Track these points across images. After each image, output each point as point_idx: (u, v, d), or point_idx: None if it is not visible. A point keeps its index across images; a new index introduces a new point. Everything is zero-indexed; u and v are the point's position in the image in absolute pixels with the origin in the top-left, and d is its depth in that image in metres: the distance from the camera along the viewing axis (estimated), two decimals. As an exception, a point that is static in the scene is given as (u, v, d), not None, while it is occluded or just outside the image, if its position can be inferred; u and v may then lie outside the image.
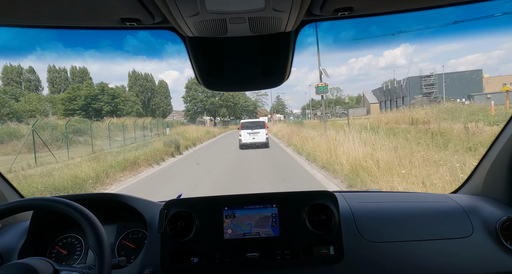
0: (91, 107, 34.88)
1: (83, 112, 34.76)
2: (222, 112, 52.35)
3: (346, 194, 1.48)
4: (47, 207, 0.92)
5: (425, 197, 1.48)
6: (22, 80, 48.23)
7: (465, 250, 1.21)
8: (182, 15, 0.76)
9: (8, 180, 1.46)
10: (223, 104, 51.63)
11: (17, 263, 0.84)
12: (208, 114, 51.56)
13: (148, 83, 59.21)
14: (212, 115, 51.64)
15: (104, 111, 35.05)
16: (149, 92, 58.65)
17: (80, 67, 47.90)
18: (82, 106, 34.68)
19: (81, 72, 48.47)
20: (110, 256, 0.86)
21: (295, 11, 0.77)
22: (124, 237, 1.37)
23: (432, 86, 48.55)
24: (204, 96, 49.68)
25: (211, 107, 50.51)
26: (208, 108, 50.40)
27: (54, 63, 45.96)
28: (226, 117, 58.27)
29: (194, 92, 49.65)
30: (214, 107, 51.16)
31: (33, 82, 49.21)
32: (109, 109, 35.34)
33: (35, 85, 49.70)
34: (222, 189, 6.75)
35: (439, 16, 20.83)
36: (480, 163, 1.45)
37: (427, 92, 49.89)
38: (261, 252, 1.21)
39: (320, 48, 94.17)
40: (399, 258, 1.20)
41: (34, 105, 38.71)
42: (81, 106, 34.54)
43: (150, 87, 59.38)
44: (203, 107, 50.36)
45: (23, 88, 46.43)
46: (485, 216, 1.29)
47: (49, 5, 0.74)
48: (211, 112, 51.49)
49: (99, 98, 35.30)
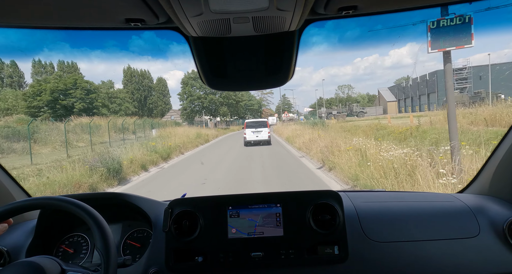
0: (59, 104, 27.96)
1: (50, 110, 27.88)
2: (223, 111, 45.84)
3: (351, 193, 1.50)
4: (55, 206, 0.95)
5: (431, 197, 1.49)
6: (4, 76, 45.89)
7: (472, 251, 1.23)
8: (186, 15, 0.79)
9: (16, 179, 1.53)
10: (223, 102, 45.37)
11: (25, 262, 0.87)
12: (207, 113, 44.63)
13: (145, 80, 56.27)
14: (211, 114, 44.86)
15: (76, 108, 28.10)
16: (146, 90, 55.86)
17: (68, 62, 44.95)
18: (48, 103, 27.74)
19: (70, 67, 45.31)
20: (116, 259, 0.89)
21: (299, 10, 0.79)
22: (129, 236, 1.42)
23: (465, 80, 41.15)
24: (202, 93, 42.86)
25: (210, 105, 43.59)
26: (207, 107, 43.48)
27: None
28: (227, 116, 55.36)
29: (190, 88, 43.05)
30: (213, 106, 44.19)
31: (16, 78, 46.68)
32: (82, 107, 28.57)
33: (18, 81, 47.09)
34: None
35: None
36: (487, 162, 1.47)
37: (459, 88, 42.24)
38: (265, 252, 1.25)
39: (325, 47, 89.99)
40: (404, 258, 1.23)
41: (10, 103, 31.69)
42: (46, 102, 27.60)
43: (147, 85, 56.52)
44: (201, 105, 43.36)
45: (4, 85, 43.94)
46: (492, 216, 1.30)
47: (55, 6, 0.78)
48: (210, 110, 44.55)
49: (70, 93, 28.39)
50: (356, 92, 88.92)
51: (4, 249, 1.26)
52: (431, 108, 50.50)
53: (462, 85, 45.05)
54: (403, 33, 26.40)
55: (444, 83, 5.54)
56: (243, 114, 62.59)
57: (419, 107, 51.79)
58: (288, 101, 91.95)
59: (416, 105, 53.05)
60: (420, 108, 52.29)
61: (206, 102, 46.79)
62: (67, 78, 32.18)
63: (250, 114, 67.84)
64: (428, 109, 49.82)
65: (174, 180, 8.69)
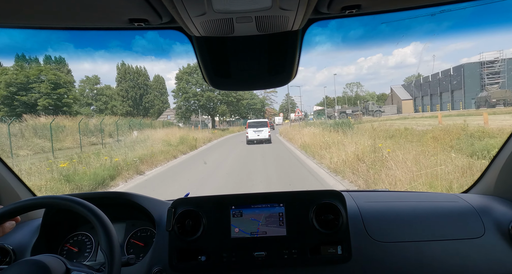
0: (17, 100, 22.52)
1: (6, 108, 22.35)
2: (222, 110, 40.34)
3: (354, 193, 1.53)
4: (60, 206, 0.97)
5: (434, 197, 1.51)
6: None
7: (476, 251, 1.25)
8: (189, 15, 0.81)
9: (21, 179, 1.59)
10: (223, 99, 39.88)
11: (30, 260, 0.89)
12: (204, 112, 39.35)
13: (140, 78, 51.88)
14: (209, 113, 39.70)
15: (40, 106, 22.69)
16: (142, 88, 51.66)
17: (56, 56, 40.56)
18: (3, 99, 22.21)
19: (58, 62, 40.07)
20: (120, 258, 0.92)
21: (302, 9, 0.81)
22: (133, 235, 1.47)
23: (497, 75, 35.45)
24: (199, 90, 37.60)
25: (208, 104, 38.28)
26: (204, 105, 38.08)
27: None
28: (226, 115, 51.27)
29: (185, 84, 37.72)
30: (211, 104, 38.94)
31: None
32: (47, 104, 23.13)
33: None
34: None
35: (450, 12, 15.13)
36: (492, 162, 1.49)
37: (490, 83, 36.52)
38: (268, 251, 1.28)
39: (328, 47, 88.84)
40: (408, 258, 1.26)
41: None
42: (2, 98, 22.10)
43: (143, 83, 52.20)
44: (197, 103, 38.03)
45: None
46: (497, 217, 1.32)
47: (59, 7, 0.81)
48: (208, 109, 39.21)
49: (32, 87, 22.95)
50: (364, 90, 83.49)
51: (10, 247, 1.31)
52: (455, 107, 44.49)
53: (494, 80, 39.31)
54: (407, 32, 26.32)
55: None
56: (245, 114, 59.70)
57: (440, 105, 46.06)
58: (293, 100, 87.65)
59: (436, 103, 47.37)
60: (441, 106, 46.48)
61: (203, 99, 41.52)
62: (30, 69, 26.56)
63: (253, 114, 65.34)
64: (451, 108, 43.86)
65: None
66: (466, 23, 38.26)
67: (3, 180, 1.47)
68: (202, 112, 44.49)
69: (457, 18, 58.32)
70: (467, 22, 11.30)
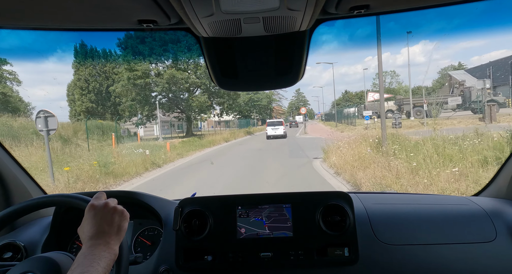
0: None
1: None
2: (200, 103, 23.69)
3: (361, 195, 1.61)
4: (69, 204, 1.04)
5: (444, 200, 1.57)
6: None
7: (488, 255, 1.29)
8: (197, 16, 0.85)
9: (32, 177, 1.73)
10: (199, 83, 23.63)
11: (40, 257, 0.95)
12: (169, 108, 30.71)
13: (109, 65, 40.98)
14: (181, 110, 30.24)
15: None
16: (110, 78, 40.50)
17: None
18: None
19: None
20: (128, 256, 0.97)
21: (310, 10, 0.84)
22: (140, 234, 1.59)
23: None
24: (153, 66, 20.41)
25: (174, 94, 27.04)
26: (166, 94, 22.10)
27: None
28: (222, 112, 38.06)
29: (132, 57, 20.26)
30: (180, 92, 24.05)
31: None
32: None
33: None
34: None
35: (460, 11, 18.57)
36: (504, 165, 1.54)
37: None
38: (275, 252, 1.37)
39: (335, 46, 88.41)
40: (416, 261, 1.31)
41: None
42: None
43: (113, 71, 40.75)
44: (151, 89, 22.29)
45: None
46: (510, 220, 1.37)
47: (69, 8, 0.86)
48: (175, 102, 31.39)
49: None
50: (399, 80, 65.58)
51: (21, 244, 1.42)
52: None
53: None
54: (416, 30, 25.40)
55: None
56: (247, 112, 50.66)
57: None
58: (303, 97, 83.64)
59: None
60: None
61: (163, 81, 23.22)
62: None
63: (257, 112, 56.52)
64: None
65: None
66: (476, 21, 35.10)
67: (16, 178, 1.61)
68: (169, 107, 26.78)
69: (468, 15, 55.43)
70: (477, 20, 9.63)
